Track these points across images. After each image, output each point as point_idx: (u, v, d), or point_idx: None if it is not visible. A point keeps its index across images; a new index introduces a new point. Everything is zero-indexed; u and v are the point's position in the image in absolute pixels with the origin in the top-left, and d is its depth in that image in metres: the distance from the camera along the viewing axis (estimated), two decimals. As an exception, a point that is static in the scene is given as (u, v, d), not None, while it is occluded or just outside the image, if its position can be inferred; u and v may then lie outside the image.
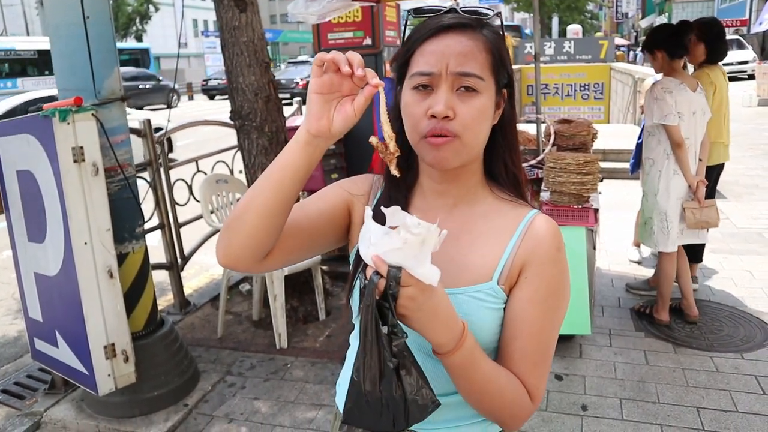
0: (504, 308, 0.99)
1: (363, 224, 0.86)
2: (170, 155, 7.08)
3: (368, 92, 0.87)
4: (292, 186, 0.92)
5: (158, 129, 4.38)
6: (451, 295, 0.95)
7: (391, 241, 0.80)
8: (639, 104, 8.24)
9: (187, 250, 4.22)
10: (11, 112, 8.82)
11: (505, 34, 1.03)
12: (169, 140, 8.36)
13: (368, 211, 0.85)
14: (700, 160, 3.47)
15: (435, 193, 1.05)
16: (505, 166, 1.05)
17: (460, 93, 0.93)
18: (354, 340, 1.11)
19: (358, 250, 0.91)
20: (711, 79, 3.76)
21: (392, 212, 0.83)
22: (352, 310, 1.04)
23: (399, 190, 1.06)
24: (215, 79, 28.00)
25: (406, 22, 1.08)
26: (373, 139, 0.89)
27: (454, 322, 0.88)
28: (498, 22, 1.00)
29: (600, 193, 6.14)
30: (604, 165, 4.81)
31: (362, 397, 0.86)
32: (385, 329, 0.82)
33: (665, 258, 3.52)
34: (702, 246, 4.08)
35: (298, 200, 1.00)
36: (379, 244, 0.81)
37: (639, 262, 4.63)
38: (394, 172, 0.91)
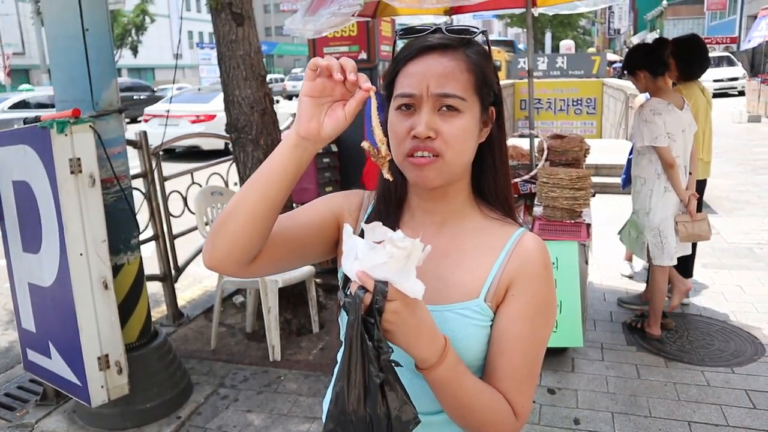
0: (491, 325, 0.99)
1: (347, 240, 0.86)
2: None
3: (360, 97, 0.88)
4: (279, 189, 0.91)
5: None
6: (438, 312, 0.95)
7: (377, 256, 0.80)
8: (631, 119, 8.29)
9: (181, 262, 4.22)
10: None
11: (496, 49, 1.04)
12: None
13: (348, 228, 0.86)
14: (689, 173, 3.51)
15: (423, 211, 1.06)
16: (494, 184, 1.05)
17: (442, 113, 0.94)
18: (340, 357, 1.12)
19: None
20: (684, 96, 3.80)
21: (372, 227, 0.84)
22: (340, 326, 1.03)
23: (389, 207, 1.06)
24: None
25: (394, 42, 1.10)
26: (365, 144, 0.89)
27: (436, 336, 0.89)
28: (483, 40, 1.00)
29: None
30: (596, 180, 4.85)
31: (346, 416, 0.85)
32: (371, 344, 0.81)
33: (658, 272, 3.54)
34: (692, 261, 4.12)
35: (291, 208, 1.01)
36: (365, 259, 0.81)
37: (631, 277, 4.66)
38: (387, 175, 0.91)
